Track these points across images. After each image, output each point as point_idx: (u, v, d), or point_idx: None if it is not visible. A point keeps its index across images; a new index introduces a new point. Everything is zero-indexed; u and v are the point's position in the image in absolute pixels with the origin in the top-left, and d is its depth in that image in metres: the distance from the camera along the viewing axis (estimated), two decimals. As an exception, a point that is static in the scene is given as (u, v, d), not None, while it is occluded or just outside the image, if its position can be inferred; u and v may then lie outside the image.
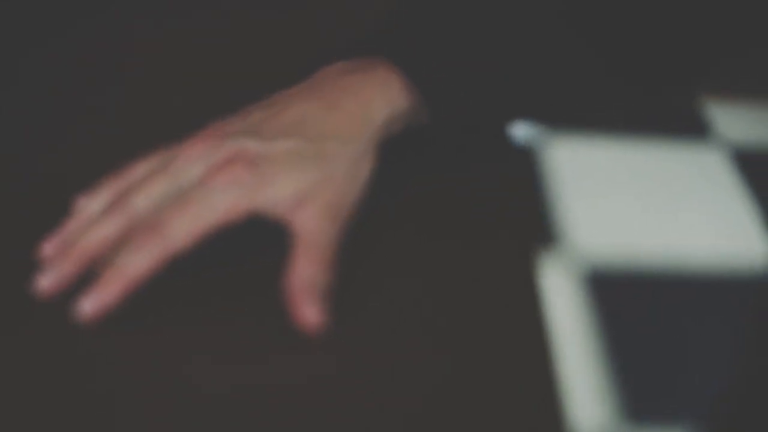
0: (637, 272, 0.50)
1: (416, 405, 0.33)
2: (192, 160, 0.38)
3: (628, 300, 0.45)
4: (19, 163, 0.44)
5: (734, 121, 0.73)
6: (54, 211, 0.41)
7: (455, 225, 0.43)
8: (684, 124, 0.64)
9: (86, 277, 0.37)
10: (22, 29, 0.56)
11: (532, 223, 0.46)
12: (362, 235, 0.41)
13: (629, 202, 0.58)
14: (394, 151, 0.45)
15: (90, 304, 0.35)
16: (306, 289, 0.36)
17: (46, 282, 0.36)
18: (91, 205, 0.38)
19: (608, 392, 0.38)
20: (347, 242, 0.41)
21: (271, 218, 0.38)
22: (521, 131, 0.52)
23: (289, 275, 0.36)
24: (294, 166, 0.38)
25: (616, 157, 0.59)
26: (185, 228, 0.36)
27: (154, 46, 0.55)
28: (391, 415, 0.33)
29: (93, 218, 0.37)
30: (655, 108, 0.63)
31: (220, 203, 0.36)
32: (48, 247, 0.37)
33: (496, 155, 0.49)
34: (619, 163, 0.59)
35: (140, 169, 0.39)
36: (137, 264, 0.35)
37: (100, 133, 0.47)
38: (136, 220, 0.36)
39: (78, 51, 0.54)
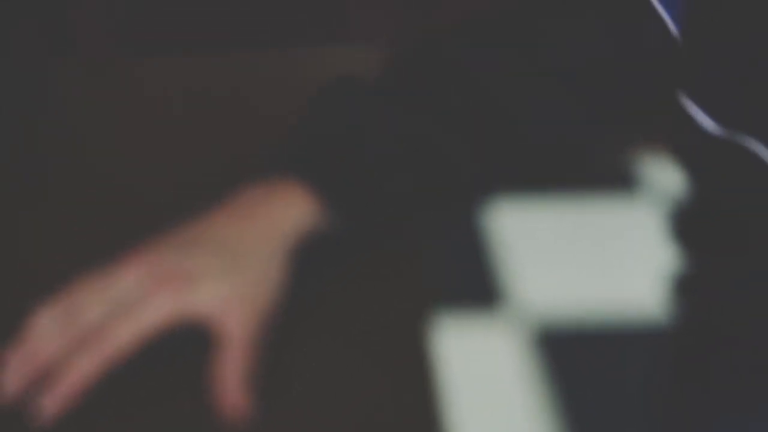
0: (580, 328, 0.57)
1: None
2: (130, 276, 0.45)
3: (572, 354, 0.51)
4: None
5: (666, 175, 0.80)
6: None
7: (356, 316, 0.51)
8: (617, 180, 0.71)
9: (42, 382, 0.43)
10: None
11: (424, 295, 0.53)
12: (280, 329, 0.49)
13: (569, 261, 0.65)
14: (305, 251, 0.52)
15: (49, 403, 0.41)
16: (236, 378, 0.43)
17: (10, 387, 0.42)
18: (43, 320, 0.44)
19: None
20: (267, 337, 0.47)
21: (200, 321, 0.45)
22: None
23: (220, 368, 0.43)
24: (218, 276, 0.45)
25: (554, 218, 0.65)
26: (128, 333, 0.42)
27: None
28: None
29: (46, 331, 0.44)
30: (589, 166, 0.69)
31: (157, 310, 0.43)
32: (9, 358, 0.43)
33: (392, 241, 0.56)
34: (557, 223, 0.65)
35: (84, 286, 0.46)
36: (89, 366, 0.42)
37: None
38: (86, 330, 0.43)
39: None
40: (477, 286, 0.69)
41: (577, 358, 0.52)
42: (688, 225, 0.69)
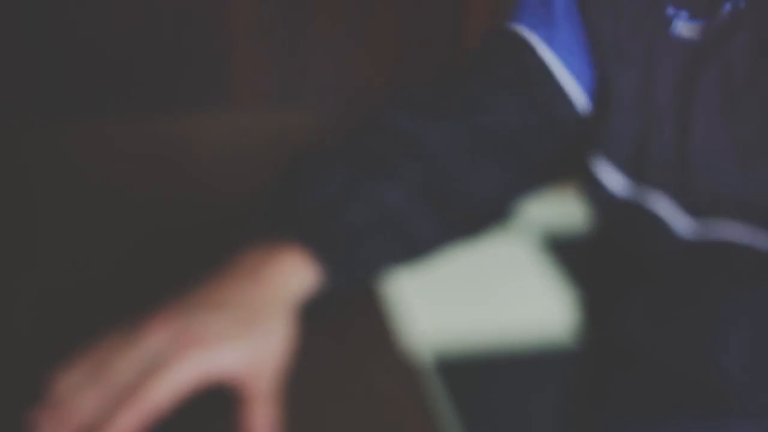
0: (472, 358, 0.63)
1: None
2: (157, 335, 0.47)
3: (468, 383, 0.57)
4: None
5: (543, 209, 0.89)
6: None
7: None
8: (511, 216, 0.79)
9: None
10: None
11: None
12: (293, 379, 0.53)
13: (457, 297, 0.71)
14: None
15: None
16: (267, 424, 0.46)
17: None
18: (73, 379, 0.45)
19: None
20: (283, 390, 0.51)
21: (226, 379, 0.47)
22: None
23: (250, 423, 0.46)
24: (238, 337, 0.48)
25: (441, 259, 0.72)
26: (164, 391, 0.44)
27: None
28: None
29: (78, 391, 0.45)
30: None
31: (189, 369, 0.45)
32: (42, 419, 0.44)
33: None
34: (443, 262, 0.71)
35: (109, 345, 0.47)
36: (128, 425, 0.43)
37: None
38: (120, 389, 0.44)
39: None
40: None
41: (476, 390, 0.58)
42: (587, 261, 0.78)
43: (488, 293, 0.72)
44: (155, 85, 1.79)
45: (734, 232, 0.69)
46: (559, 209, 0.82)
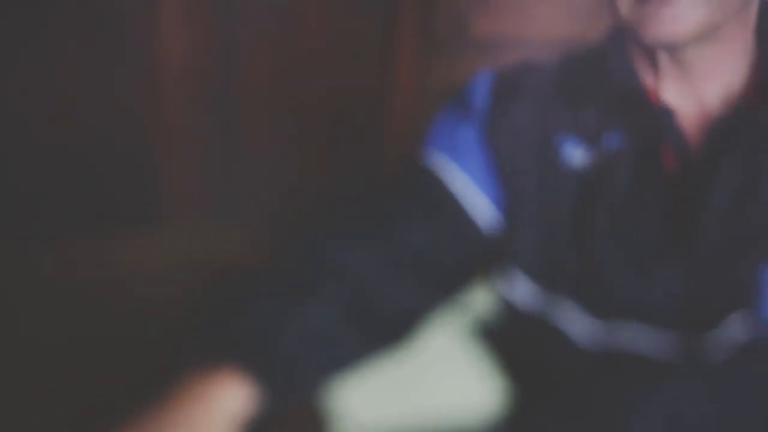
0: None
1: None
2: None
3: None
4: None
5: (475, 298, 0.96)
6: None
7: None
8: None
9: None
10: None
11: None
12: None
13: (392, 380, 0.77)
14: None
15: None
16: None
17: None
18: None
19: None
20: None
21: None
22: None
23: None
24: None
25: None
26: None
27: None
28: None
29: None
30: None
31: None
32: None
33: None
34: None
35: None
36: None
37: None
38: None
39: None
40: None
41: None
42: (501, 351, 0.86)
43: (419, 381, 0.78)
44: (83, 205, 1.73)
45: (636, 333, 0.76)
46: (490, 298, 0.90)
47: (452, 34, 1.75)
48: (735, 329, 0.78)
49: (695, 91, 0.79)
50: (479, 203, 0.81)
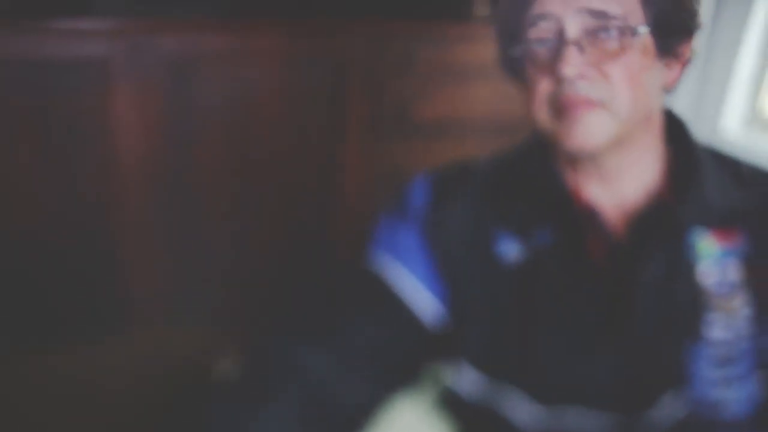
0: None
1: None
2: None
3: None
4: None
5: (440, 371, 1.01)
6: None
7: None
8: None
9: None
10: None
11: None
12: None
13: None
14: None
15: None
16: None
17: None
18: None
19: None
20: None
21: None
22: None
23: None
24: None
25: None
26: None
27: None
28: None
29: None
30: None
31: None
32: None
33: None
34: None
35: None
36: None
37: None
38: None
39: None
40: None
41: None
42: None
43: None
44: (44, 316, 1.70)
45: (578, 416, 0.81)
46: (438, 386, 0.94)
47: (396, 119, 1.83)
48: (671, 407, 0.83)
49: (615, 188, 0.86)
50: (424, 300, 0.86)
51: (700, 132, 1.84)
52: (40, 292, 1.71)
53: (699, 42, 1.78)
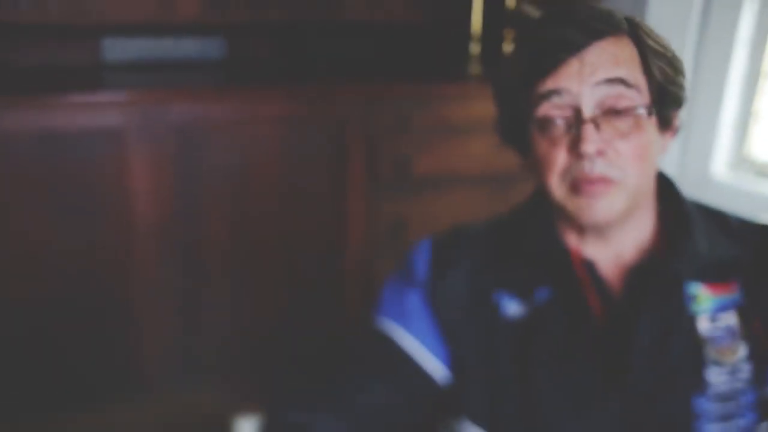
0: None
1: None
2: None
3: None
4: None
5: None
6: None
7: None
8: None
9: None
10: None
11: None
12: None
13: None
14: None
15: None
16: None
17: None
18: None
19: None
20: None
21: None
22: None
23: None
24: None
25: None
26: None
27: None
28: None
29: None
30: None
31: None
32: None
33: None
34: None
35: None
36: None
37: None
38: None
39: None
40: None
41: None
42: None
43: None
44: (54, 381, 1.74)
45: None
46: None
47: (396, 175, 1.87)
48: None
49: (612, 246, 0.88)
50: (429, 363, 0.88)
51: (690, 176, 1.88)
52: (59, 351, 1.74)
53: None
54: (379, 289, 0.94)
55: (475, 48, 2.08)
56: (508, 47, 2.04)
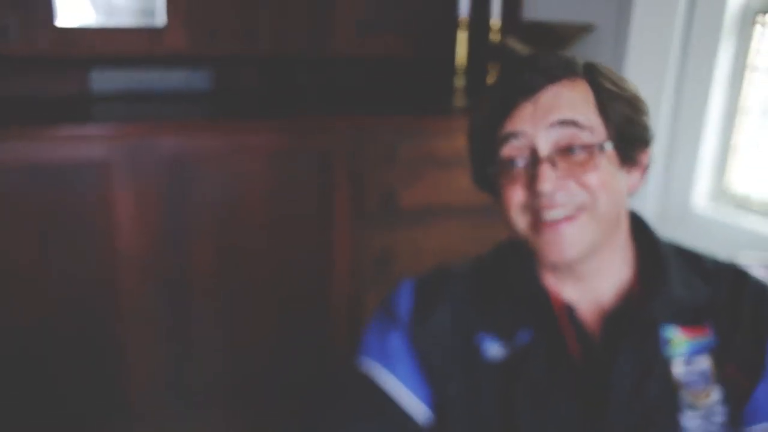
0: None
1: None
2: None
3: None
4: None
5: None
6: None
7: None
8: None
9: None
10: None
11: None
12: None
13: None
14: None
15: None
16: None
17: None
18: None
19: None
20: None
21: None
22: None
23: None
24: None
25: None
26: None
27: None
28: None
29: None
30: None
31: None
32: None
33: None
34: None
35: None
36: None
37: None
38: None
39: None
40: None
41: None
42: None
43: None
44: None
45: None
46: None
47: (382, 206, 1.88)
48: None
49: (589, 288, 0.89)
50: (412, 405, 0.88)
51: (672, 209, 1.90)
52: (47, 382, 1.72)
53: (662, 129, 1.84)
54: (365, 321, 0.94)
55: (459, 81, 2.11)
56: (492, 81, 2.06)
